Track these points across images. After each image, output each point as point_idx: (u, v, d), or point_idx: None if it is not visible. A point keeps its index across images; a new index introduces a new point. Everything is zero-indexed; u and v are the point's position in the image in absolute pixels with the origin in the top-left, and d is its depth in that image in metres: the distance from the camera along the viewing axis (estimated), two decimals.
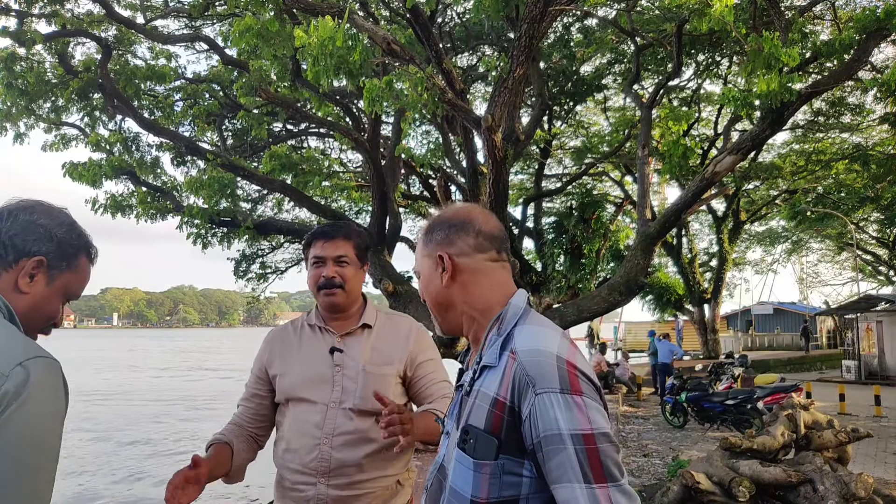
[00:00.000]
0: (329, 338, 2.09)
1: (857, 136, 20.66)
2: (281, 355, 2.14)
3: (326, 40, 6.42)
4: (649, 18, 13.71)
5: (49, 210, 1.37)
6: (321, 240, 2.08)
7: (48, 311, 1.34)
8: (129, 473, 11.45)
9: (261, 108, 12.92)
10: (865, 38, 7.90)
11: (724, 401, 10.32)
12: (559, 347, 1.18)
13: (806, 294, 48.48)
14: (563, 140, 20.52)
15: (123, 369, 35.43)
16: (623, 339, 36.40)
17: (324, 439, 1.96)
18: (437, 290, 1.36)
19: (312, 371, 2.05)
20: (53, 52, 11.42)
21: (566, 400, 1.12)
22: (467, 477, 1.19)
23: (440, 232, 1.37)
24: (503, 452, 1.16)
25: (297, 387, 2.05)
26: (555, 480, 1.11)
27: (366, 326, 2.11)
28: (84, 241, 1.40)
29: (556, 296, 14.48)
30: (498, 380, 1.19)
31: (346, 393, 1.99)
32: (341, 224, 2.19)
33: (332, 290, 2.05)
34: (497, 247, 1.36)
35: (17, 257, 1.28)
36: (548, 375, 1.14)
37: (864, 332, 19.79)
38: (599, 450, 1.10)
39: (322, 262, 2.07)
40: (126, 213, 11.79)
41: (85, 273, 1.40)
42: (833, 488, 4.43)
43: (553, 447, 1.10)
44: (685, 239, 26.07)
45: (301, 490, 1.97)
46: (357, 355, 2.05)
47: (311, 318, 2.16)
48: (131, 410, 19.06)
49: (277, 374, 2.11)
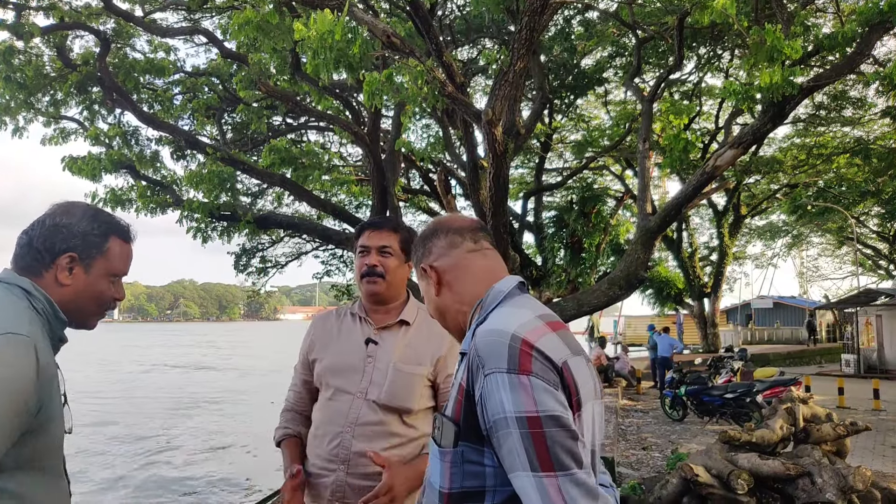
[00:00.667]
0: (367, 328, 2.12)
1: (859, 130, 20.63)
2: (321, 341, 2.17)
3: (326, 33, 6.40)
4: (650, 11, 13.66)
5: (68, 209, 1.55)
6: (368, 230, 2.12)
7: (96, 293, 1.54)
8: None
9: (260, 102, 12.89)
10: (868, 31, 7.86)
11: (724, 394, 10.34)
12: (521, 326, 1.11)
13: (806, 288, 48.44)
14: (564, 134, 20.48)
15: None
16: (623, 332, 36.42)
17: (346, 428, 1.98)
18: (432, 301, 1.38)
19: (345, 359, 2.08)
20: (52, 46, 11.38)
21: (511, 380, 1.04)
22: (437, 467, 1.16)
23: (419, 249, 1.41)
24: (462, 439, 1.11)
25: (330, 373, 2.09)
26: (508, 469, 1.04)
27: (403, 323, 2.13)
28: (109, 227, 1.57)
29: (556, 290, 14.49)
30: (464, 365, 1.16)
31: (374, 385, 2.01)
32: (391, 217, 2.23)
33: (373, 279, 2.07)
34: (470, 236, 1.36)
35: (52, 258, 1.48)
36: (497, 354, 1.07)
37: (864, 327, 19.80)
38: (546, 434, 1.00)
39: (367, 251, 2.10)
40: (126, 207, 11.77)
41: (120, 252, 1.58)
42: (831, 481, 4.44)
43: (502, 432, 1.04)
44: (685, 233, 26.06)
45: (322, 476, 2.00)
46: (390, 350, 2.06)
47: (355, 307, 2.20)
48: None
49: (315, 358, 2.15)
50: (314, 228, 13.98)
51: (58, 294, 1.48)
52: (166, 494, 9.75)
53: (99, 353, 39.67)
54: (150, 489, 10.05)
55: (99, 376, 26.95)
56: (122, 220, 1.64)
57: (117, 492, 9.97)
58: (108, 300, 1.58)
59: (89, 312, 1.57)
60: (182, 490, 9.98)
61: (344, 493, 1.96)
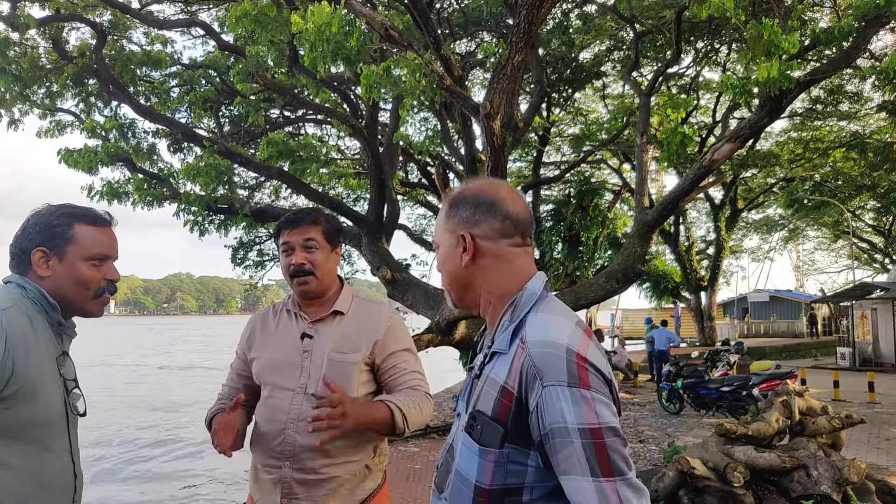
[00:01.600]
0: (301, 323, 2.10)
1: (855, 124, 20.65)
2: (259, 339, 2.16)
3: (323, 26, 6.39)
4: (648, 5, 13.65)
5: (38, 211, 1.69)
6: (287, 228, 2.09)
7: (78, 278, 1.65)
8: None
9: (258, 95, 12.85)
10: (865, 26, 7.88)
11: (720, 387, 10.38)
12: (570, 338, 1.17)
13: (802, 282, 48.61)
14: (562, 127, 20.47)
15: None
16: (620, 326, 36.50)
17: (289, 424, 1.98)
18: (455, 268, 1.33)
19: (282, 356, 2.07)
20: (47, 37, 11.33)
21: (573, 394, 1.11)
22: (472, 462, 1.20)
23: (466, 209, 1.32)
24: (509, 441, 1.16)
25: (268, 371, 2.08)
26: (563, 472, 1.11)
27: (337, 313, 2.11)
28: (71, 215, 1.67)
29: (553, 283, 14.50)
30: (507, 367, 1.19)
31: (312, 379, 2.00)
32: (308, 210, 2.20)
33: (303, 279, 2.05)
34: (522, 231, 1.33)
35: (28, 256, 1.63)
36: (556, 368, 1.13)
37: (860, 320, 19.88)
38: (606, 444, 1.09)
39: (290, 248, 2.07)
40: (122, 200, 11.76)
41: (92, 235, 1.67)
42: (826, 473, 4.47)
43: (560, 440, 1.10)
44: (682, 227, 26.10)
45: (269, 473, 2.00)
46: (325, 342, 2.05)
47: (289, 303, 2.17)
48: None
49: (253, 357, 2.14)
50: None
51: (44, 286, 1.62)
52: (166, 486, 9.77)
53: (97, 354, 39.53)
54: (147, 480, 10.06)
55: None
56: (87, 207, 1.73)
57: (110, 484, 9.98)
58: (97, 283, 1.67)
59: (80, 297, 1.66)
60: (181, 483, 10.00)
61: (291, 488, 1.96)
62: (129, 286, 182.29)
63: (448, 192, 1.44)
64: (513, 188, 1.40)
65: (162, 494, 9.24)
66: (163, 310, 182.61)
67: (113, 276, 1.70)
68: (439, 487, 1.32)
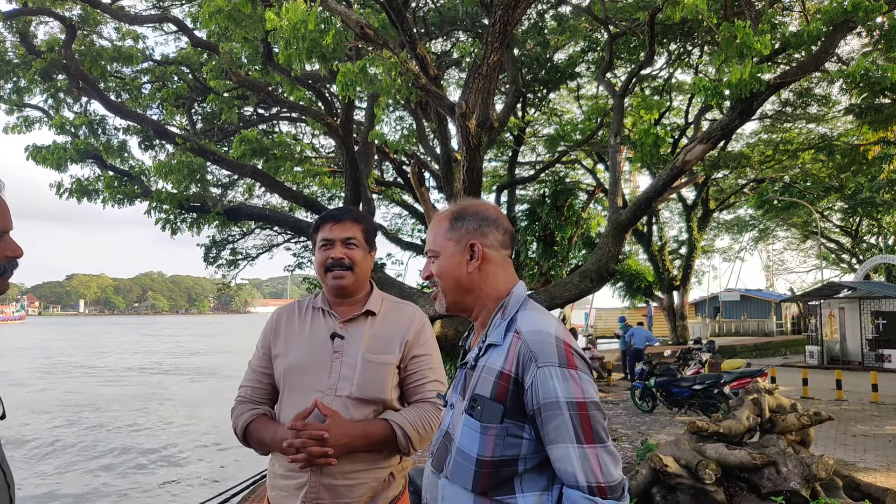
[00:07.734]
0: (331, 322, 2.03)
1: (823, 127, 21.08)
2: (284, 335, 2.07)
3: (298, 23, 6.33)
4: (623, 7, 13.77)
5: None
6: (330, 222, 2.04)
7: None
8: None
9: (231, 92, 12.71)
10: (833, 30, 8.03)
11: (692, 386, 10.50)
12: (557, 329, 1.38)
13: (772, 281, 49.50)
14: (537, 128, 20.58)
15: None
16: (594, 325, 36.81)
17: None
18: (461, 274, 1.50)
19: (311, 356, 1.98)
20: (15, 31, 11.08)
21: (563, 373, 1.31)
22: (474, 438, 1.37)
23: (472, 221, 1.52)
24: (507, 417, 1.34)
25: (294, 371, 1.99)
26: (551, 441, 1.30)
27: (369, 313, 2.05)
28: None
29: (528, 283, 14.57)
30: (503, 356, 1.38)
31: (343, 381, 1.93)
32: (351, 207, 2.15)
33: (340, 273, 2.00)
34: (511, 244, 1.56)
35: None
36: (548, 352, 1.33)
37: (827, 319, 20.26)
38: (590, 416, 1.29)
39: (330, 244, 2.02)
40: (92, 197, 11.54)
41: None
42: (795, 470, 4.55)
43: (551, 412, 1.30)
44: (655, 227, 26.40)
45: (293, 478, 1.92)
46: (357, 342, 1.99)
47: (318, 300, 2.10)
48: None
49: (278, 353, 2.04)
50: (286, 220, 13.84)
51: None
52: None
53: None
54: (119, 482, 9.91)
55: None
56: None
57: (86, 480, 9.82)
58: None
59: None
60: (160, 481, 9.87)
61: (318, 493, 1.89)
62: (99, 285, 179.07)
63: (446, 208, 1.63)
64: (499, 210, 1.62)
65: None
66: (134, 309, 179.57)
67: (14, 251, 1.39)
68: (437, 468, 1.47)
